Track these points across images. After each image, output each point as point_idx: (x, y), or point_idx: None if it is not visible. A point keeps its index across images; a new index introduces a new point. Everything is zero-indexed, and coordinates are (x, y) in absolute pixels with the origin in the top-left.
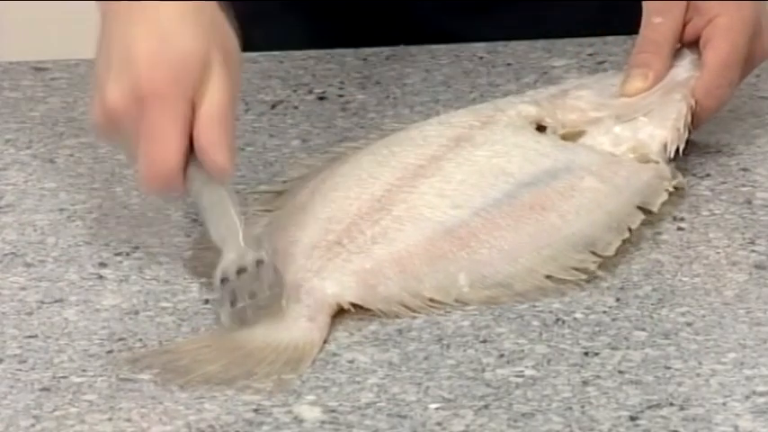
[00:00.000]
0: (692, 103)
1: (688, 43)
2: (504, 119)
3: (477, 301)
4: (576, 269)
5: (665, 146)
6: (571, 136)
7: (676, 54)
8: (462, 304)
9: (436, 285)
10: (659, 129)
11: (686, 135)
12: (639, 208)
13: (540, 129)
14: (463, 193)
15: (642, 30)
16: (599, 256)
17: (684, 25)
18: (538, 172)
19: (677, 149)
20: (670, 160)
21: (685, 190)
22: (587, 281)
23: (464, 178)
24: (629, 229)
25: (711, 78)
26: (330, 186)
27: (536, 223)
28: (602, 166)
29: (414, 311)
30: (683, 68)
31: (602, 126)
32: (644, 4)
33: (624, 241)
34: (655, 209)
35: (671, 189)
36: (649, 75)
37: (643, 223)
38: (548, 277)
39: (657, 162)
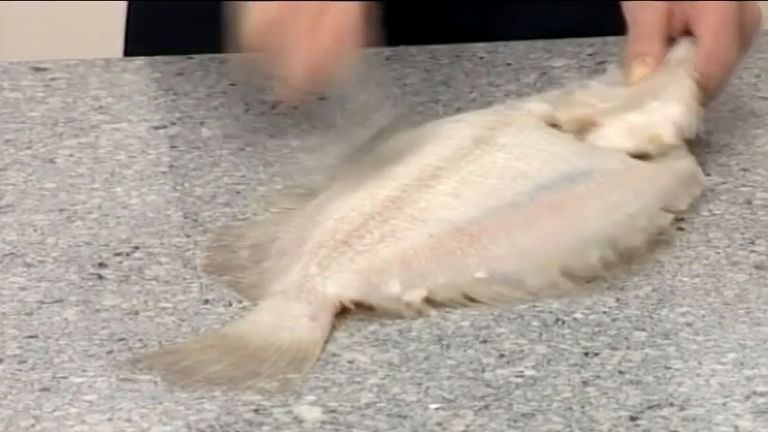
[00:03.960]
0: (697, 75)
1: (678, 33)
2: (520, 119)
3: (486, 299)
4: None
5: (680, 125)
6: (586, 130)
7: (670, 43)
8: (470, 301)
9: (442, 283)
10: (670, 109)
11: (699, 109)
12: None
13: (554, 127)
14: (480, 194)
15: (630, 31)
16: (625, 256)
17: (669, 20)
18: (557, 176)
19: (695, 126)
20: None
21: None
22: (588, 281)
23: (482, 180)
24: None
25: (709, 44)
26: (348, 187)
27: (553, 223)
28: (622, 170)
29: (417, 310)
30: (681, 49)
31: (615, 116)
32: (623, 5)
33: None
34: (684, 207)
35: (696, 195)
36: (648, 60)
37: None
38: (566, 275)
39: (675, 144)
